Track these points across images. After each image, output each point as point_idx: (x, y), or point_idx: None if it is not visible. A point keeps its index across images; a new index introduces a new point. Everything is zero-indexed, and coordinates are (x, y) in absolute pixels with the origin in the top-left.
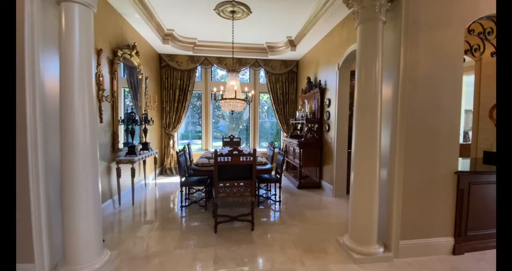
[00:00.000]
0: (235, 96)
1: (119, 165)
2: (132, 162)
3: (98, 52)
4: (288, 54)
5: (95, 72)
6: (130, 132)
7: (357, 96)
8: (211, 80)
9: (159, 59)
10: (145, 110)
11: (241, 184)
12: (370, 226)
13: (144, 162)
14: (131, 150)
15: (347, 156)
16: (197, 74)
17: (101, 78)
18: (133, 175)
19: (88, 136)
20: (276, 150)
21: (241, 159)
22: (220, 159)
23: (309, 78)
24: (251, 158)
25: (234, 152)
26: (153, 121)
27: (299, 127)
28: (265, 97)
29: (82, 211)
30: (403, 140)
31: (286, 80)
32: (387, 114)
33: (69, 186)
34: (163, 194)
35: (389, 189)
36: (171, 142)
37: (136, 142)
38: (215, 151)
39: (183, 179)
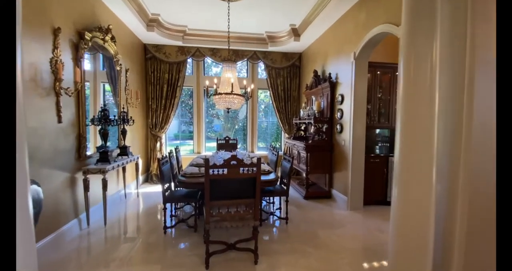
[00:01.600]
0: (232, 91)
1: (87, 176)
2: (103, 172)
3: (55, 32)
4: (291, 45)
5: (51, 57)
6: (102, 134)
7: (404, 90)
8: (204, 74)
9: (144, 49)
10: (123, 108)
11: (241, 204)
12: (422, 266)
13: (124, 169)
14: (103, 156)
15: (364, 162)
16: (188, 70)
17: (57, 66)
18: (104, 188)
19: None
20: (281, 153)
21: (240, 171)
22: (213, 171)
23: (316, 72)
24: (254, 169)
25: (232, 162)
26: (133, 121)
27: (303, 128)
28: (262, 96)
29: None
30: (471, 146)
31: (288, 75)
32: (443, 112)
33: None
34: (146, 207)
35: (448, 215)
36: (158, 145)
37: (114, 145)
38: (206, 160)
39: (167, 193)
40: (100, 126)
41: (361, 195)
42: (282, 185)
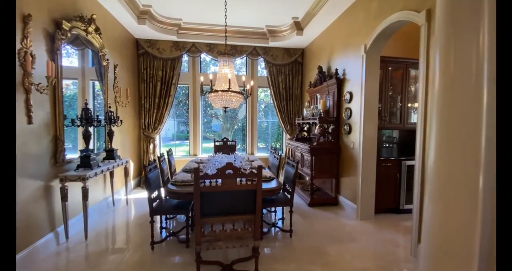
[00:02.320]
0: (229, 88)
1: (65, 183)
2: (83, 179)
3: (24, 19)
4: (293, 40)
5: (19, 48)
6: (83, 136)
7: (441, 85)
8: (201, 72)
9: (136, 45)
10: (110, 107)
11: (238, 220)
12: None
13: (112, 174)
14: (85, 161)
15: (376, 167)
16: (185, 68)
17: (26, 58)
18: (85, 197)
19: None
20: (283, 155)
21: (238, 181)
22: (205, 182)
23: (320, 68)
24: (254, 179)
25: (227, 171)
26: (121, 121)
27: (306, 128)
28: (263, 95)
29: None
30: None
31: (290, 73)
32: (492, 108)
33: None
34: (135, 216)
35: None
36: (151, 146)
37: (102, 148)
38: (196, 169)
39: (155, 203)
40: (86, 128)
41: (372, 203)
42: (285, 193)
